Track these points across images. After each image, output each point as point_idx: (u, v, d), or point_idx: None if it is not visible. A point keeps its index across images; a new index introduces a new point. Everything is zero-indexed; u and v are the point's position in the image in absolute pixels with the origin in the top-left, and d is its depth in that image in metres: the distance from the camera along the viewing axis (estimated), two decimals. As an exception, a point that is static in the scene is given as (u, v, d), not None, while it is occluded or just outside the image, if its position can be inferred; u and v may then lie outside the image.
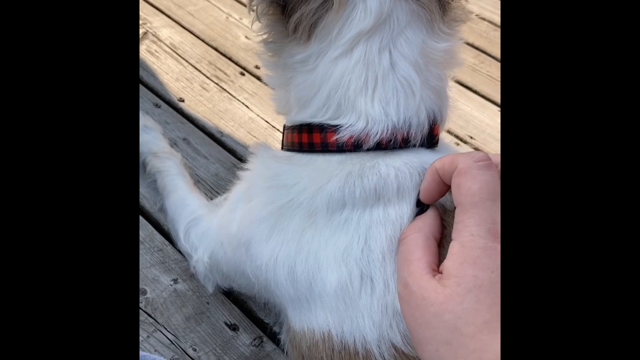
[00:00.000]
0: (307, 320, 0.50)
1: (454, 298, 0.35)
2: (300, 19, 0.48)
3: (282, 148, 0.55)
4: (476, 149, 0.97)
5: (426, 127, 0.48)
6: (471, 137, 0.99)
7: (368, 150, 0.48)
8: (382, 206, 0.47)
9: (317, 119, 0.49)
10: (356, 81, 0.47)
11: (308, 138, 0.50)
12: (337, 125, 0.48)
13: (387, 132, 0.47)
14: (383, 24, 0.46)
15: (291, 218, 0.50)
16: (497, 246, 0.36)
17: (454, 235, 0.38)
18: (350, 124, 0.48)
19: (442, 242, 0.43)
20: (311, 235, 0.49)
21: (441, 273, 0.38)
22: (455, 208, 0.40)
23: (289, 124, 0.53)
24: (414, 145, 0.48)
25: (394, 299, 0.46)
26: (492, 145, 0.98)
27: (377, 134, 0.47)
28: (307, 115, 0.50)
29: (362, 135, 0.47)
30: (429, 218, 0.44)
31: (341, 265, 0.47)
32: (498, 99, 1.07)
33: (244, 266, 0.56)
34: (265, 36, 0.52)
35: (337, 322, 0.48)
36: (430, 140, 0.50)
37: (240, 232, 0.55)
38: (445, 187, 0.42)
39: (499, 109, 1.06)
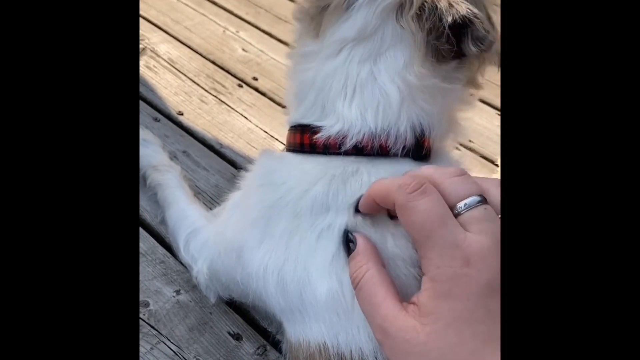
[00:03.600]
0: (302, 331, 0.50)
1: (436, 335, 0.35)
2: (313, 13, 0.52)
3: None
4: (475, 152, 0.97)
5: (410, 138, 0.49)
6: (470, 141, 0.99)
7: (350, 154, 0.49)
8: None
9: (306, 120, 0.51)
10: (336, 85, 0.49)
11: (300, 138, 0.52)
12: (321, 127, 0.50)
13: (364, 136, 0.48)
14: (368, 38, 0.48)
15: (279, 219, 0.50)
16: (467, 270, 0.35)
17: (422, 269, 0.37)
18: (331, 125, 0.49)
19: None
20: (298, 240, 0.49)
21: (414, 304, 0.37)
22: None
23: (288, 124, 0.55)
24: (396, 155, 0.49)
25: None
26: (491, 148, 0.98)
27: (353, 137, 0.48)
28: (299, 115, 0.52)
29: (338, 136, 0.49)
30: (366, 249, 0.42)
31: (331, 275, 0.47)
32: (495, 102, 1.08)
33: (235, 273, 0.56)
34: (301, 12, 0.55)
35: (332, 334, 0.47)
36: (418, 153, 0.50)
37: (234, 237, 0.56)
38: (382, 209, 0.42)
39: (497, 111, 1.06)
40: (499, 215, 0.37)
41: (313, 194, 0.48)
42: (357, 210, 0.45)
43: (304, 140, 0.51)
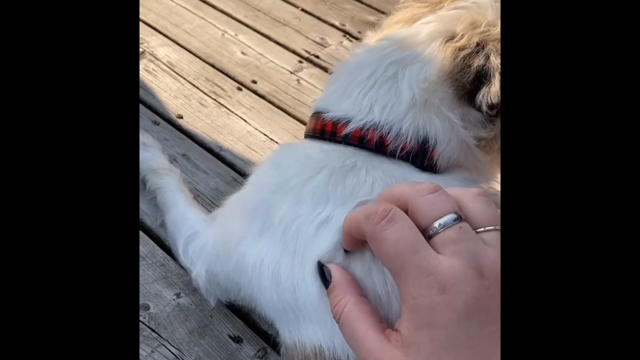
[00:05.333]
0: (297, 332, 0.49)
1: None
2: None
3: None
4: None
5: (412, 142, 0.50)
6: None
7: (352, 144, 0.51)
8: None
9: (325, 103, 0.55)
10: (363, 75, 0.53)
11: (315, 124, 0.54)
12: (332, 110, 0.53)
13: (365, 125, 0.51)
14: (410, 46, 0.53)
15: (281, 204, 0.51)
16: (442, 297, 0.33)
17: (400, 299, 0.36)
18: (340, 109, 0.53)
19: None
20: (296, 229, 0.49)
21: (398, 332, 0.36)
22: None
23: (312, 111, 0.58)
24: (394, 154, 0.50)
25: (388, 313, 0.43)
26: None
27: (355, 122, 0.51)
28: (322, 99, 0.56)
29: (343, 120, 0.52)
30: (341, 281, 0.41)
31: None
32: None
33: (229, 267, 0.56)
34: None
35: (328, 336, 0.47)
36: (421, 160, 0.50)
37: (234, 227, 0.56)
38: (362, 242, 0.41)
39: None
40: (477, 230, 0.36)
41: (315, 182, 0.50)
42: (345, 250, 0.44)
43: (317, 125, 0.54)
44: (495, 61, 0.49)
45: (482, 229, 0.36)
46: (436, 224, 0.35)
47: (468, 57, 0.50)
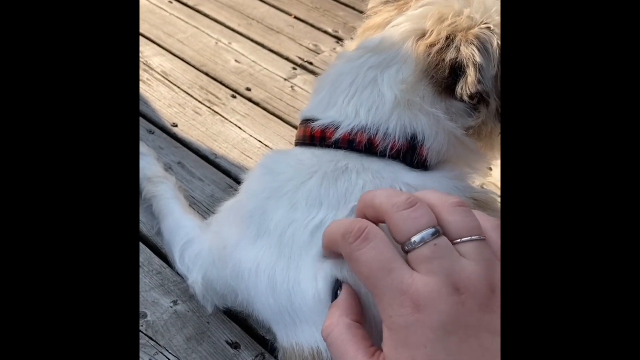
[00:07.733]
0: (294, 335, 0.50)
1: None
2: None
3: None
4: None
5: (401, 140, 0.51)
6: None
7: (342, 147, 0.52)
8: (351, 212, 0.48)
9: (312, 112, 0.56)
10: (345, 83, 0.55)
11: (303, 131, 0.56)
12: (320, 118, 0.54)
13: (353, 129, 0.52)
14: (385, 51, 0.54)
15: (277, 208, 0.52)
16: (417, 316, 0.33)
17: (381, 317, 0.36)
18: (327, 117, 0.54)
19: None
20: (292, 234, 0.50)
21: (381, 351, 0.36)
22: None
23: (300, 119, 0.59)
24: (384, 154, 0.51)
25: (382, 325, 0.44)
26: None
27: (344, 128, 0.53)
28: (309, 108, 0.57)
29: (331, 126, 0.53)
30: (345, 301, 0.41)
31: (320, 276, 0.47)
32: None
33: (226, 272, 0.56)
34: None
35: None
36: (410, 158, 0.52)
37: (230, 233, 0.56)
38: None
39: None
40: (454, 241, 0.35)
41: (308, 186, 0.51)
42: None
43: (306, 132, 0.55)
44: (466, 51, 0.50)
45: (459, 240, 0.35)
46: (412, 240, 0.34)
47: (440, 52, 0.52)
